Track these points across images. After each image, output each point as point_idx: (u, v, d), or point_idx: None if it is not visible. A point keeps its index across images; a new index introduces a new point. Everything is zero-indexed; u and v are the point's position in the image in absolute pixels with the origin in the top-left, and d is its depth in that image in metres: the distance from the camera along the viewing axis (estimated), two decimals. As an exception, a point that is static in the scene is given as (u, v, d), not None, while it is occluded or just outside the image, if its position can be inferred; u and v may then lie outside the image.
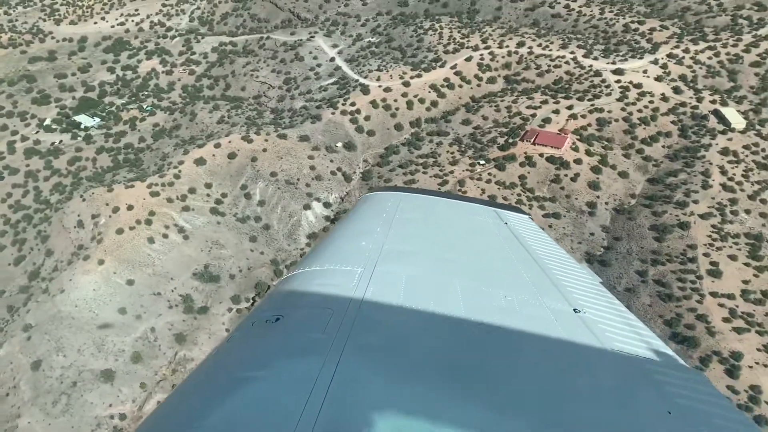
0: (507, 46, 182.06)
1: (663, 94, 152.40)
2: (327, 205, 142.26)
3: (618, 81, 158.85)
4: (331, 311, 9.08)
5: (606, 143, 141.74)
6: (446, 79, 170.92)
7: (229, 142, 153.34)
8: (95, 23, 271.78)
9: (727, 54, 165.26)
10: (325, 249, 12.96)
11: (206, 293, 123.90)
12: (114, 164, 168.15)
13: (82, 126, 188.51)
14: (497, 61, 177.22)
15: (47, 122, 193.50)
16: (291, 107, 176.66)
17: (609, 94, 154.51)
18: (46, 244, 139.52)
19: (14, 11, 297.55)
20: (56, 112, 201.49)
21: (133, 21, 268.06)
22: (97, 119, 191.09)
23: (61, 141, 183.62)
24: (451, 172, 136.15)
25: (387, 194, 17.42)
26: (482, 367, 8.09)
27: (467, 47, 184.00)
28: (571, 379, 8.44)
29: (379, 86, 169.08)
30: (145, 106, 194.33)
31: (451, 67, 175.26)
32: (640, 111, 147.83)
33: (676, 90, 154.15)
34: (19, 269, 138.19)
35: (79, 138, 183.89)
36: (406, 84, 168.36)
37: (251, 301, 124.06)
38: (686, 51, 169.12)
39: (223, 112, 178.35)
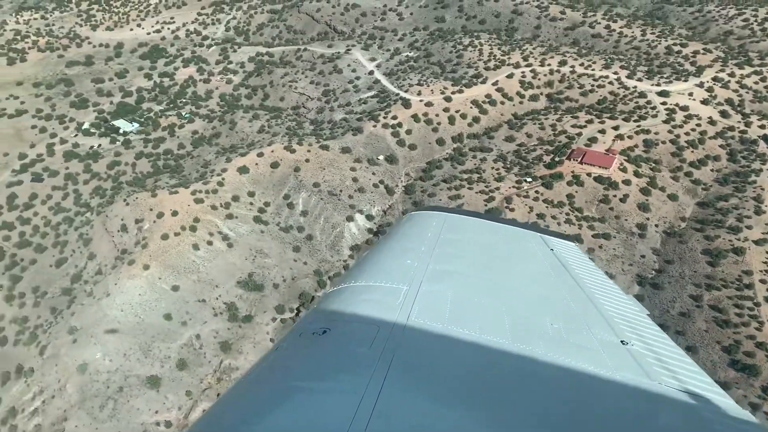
0: (549, 65, 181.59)
1: (710, 117, 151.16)
2: (370, 217, 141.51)
3: (664, 103, 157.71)
4: (377, 327, 9.18)
5: (654, 165, 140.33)
6: (488, 96, 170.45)
7: (272, 151, 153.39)
8: (131, 30, 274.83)
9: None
10: (371, 264, 13.07)
11: (250, 302, 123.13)
12: (154, 170, 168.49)
13: (121, 131, 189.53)
14: (539, 79, 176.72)
15: (86, 126, 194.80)
16: (331, 119, 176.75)
17: (655, 116, 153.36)
18: (88, 247, 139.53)
19: (51, 16, 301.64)
20: (94, 116, 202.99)
21: (168, 29, 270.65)
22: (136, 125, 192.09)
23: (99, 145, 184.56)
24: (497, 188, 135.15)
25: (431, 213, 17.33)
26: (528, 396, 8.05)
27: (508, 64, 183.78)
28: (618, 415, 8.30)
29: (420, 100, 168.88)
30: (183, 113, 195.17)
31: (493, 84, 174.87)
32: (687, 134, 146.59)
33: (724, 114, 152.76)
34: (60, 271, 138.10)
35: (118, 142, 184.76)
36: (448, 99, 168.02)
37: (295, 311, 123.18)
38: (732, 75, 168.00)
39: (263, 122, 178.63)
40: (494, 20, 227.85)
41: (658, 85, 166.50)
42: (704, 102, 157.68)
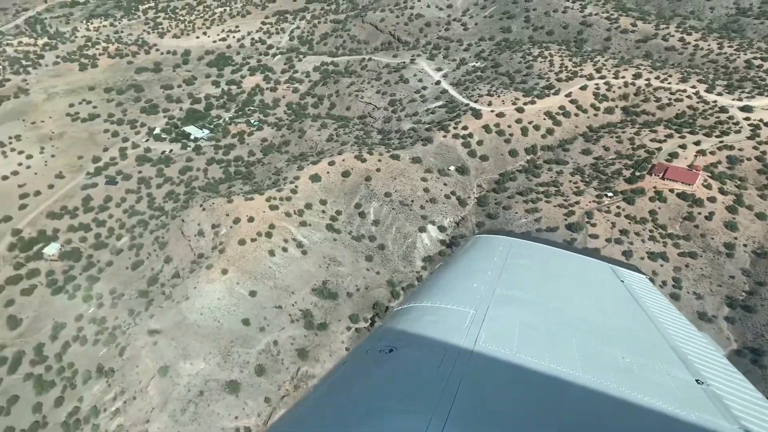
0: (623, 77, 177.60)
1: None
2: (442, 228, 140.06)
3: (747, 118, 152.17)
4: (444, 350, 9.15)
5: (739, 182, 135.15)
6: (561, 107, 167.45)
7: (343, 160, 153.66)
8: (197, 38, 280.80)
9: None
10: (437, 286, 13.09)
11: (325, 310, 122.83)
12: (225, 176, 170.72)
13: (192, 137, 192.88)
14: (614, 92, 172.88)
15: (157, 131, 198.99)
16: (399, 128, 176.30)
17: (738, 132, 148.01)
18: (164, 251, 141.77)
19: (119, 23, 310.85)
20: (165, 121, 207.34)
21: (234, 37, 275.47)
22: (206, 131, 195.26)
23: (171, 150, 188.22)
24: (576, 202, 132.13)
25: (498, 237, 17.32)
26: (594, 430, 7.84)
27: (581, 75, 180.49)
28: None
29: (491, 111, 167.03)
30: (252, 121, 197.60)
31: (566, 95, 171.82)
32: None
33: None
34: (137, 273, 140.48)
35: (189, 148, 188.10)
36: (520, 110, 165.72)
37: (369, 321, 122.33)
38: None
39: (331, 131, 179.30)
40: (562, 31, 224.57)
41: (740, 100, 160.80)
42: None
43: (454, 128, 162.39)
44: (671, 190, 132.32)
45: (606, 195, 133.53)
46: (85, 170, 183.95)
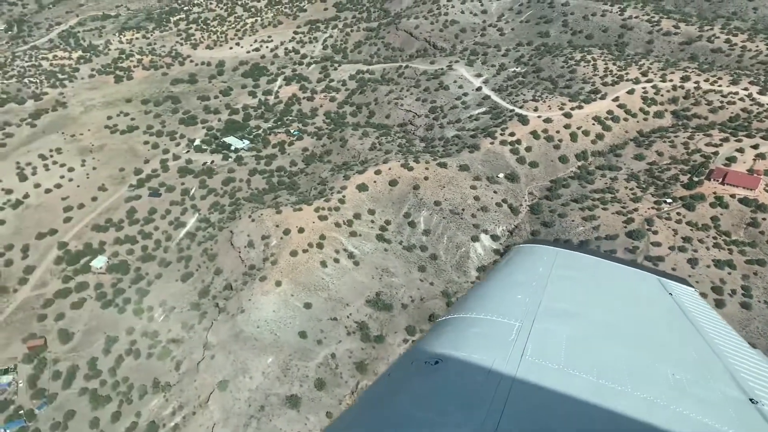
0: (671, 80, 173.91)
1: None
2: (495, 237, 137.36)
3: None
4: (490, 364, 9.05)
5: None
6: (609, 112, 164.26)
7: (389, 169, 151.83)
8: (230, 48, 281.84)
9: None
10: (482, 297, 13.11)
11: (380, 321, 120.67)
12: (269, 186, 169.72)
13: (233, 148, 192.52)
14: (662, 95, 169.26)
15: (197, 143, 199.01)
16: (442, 136, 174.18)
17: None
18: (214, 262, 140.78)
19: (152, 35, 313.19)
20: (204, 132, 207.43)
21: (267, 47, 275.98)
22: (246, 142, 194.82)
23: (212, 161, 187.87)
24: (635, 209, 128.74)
25: (542, 248, 17.06)
26: None
27: (627, 80, 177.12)
28: None
29: (538, 116, 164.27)
30: (292, 131, 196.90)
31: (613, 100, 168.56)
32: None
33: None
34: (187, 286, 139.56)
35: (230, 159, 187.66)
36: (568, 115, 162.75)
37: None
38: None
39: (373, 139, 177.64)
40: (602, 35, 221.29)
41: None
42: None
43: (501, 134, 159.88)
44: (732, 196, 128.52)
45: (665, 201, 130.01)
46: (128, 182, 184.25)
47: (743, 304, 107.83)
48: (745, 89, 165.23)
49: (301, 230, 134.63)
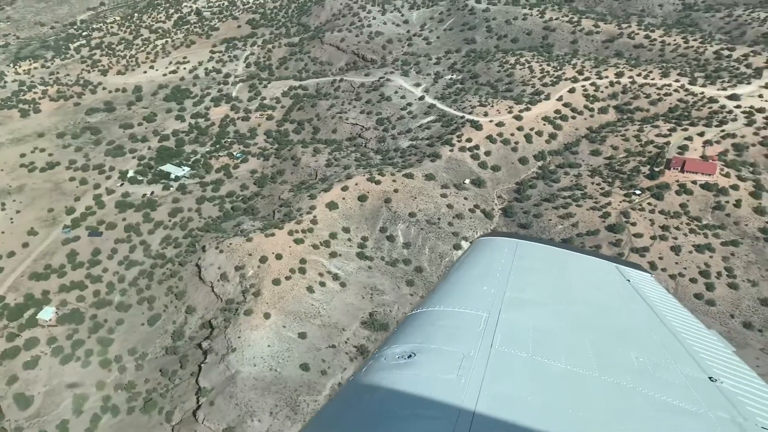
0: (606, 77, 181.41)
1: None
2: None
3: (737, 106, 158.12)
4: (461, 354, 9.34)
5: (752, 168, 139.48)
6: (557, 111, 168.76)
7: (356, 184, 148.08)
8: (144, 72, 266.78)
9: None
10: (448, 290, 13.39)
11: (379, 343, 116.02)
12: (223, 213, 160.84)
13: (172, 176, 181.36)
14: (602, 92, 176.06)
15: (131, 174, 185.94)
16: (397, 147, 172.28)
17: (735, 120, 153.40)
18: (183, 301, 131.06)
19: (52, 64, 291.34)
20: (136, 163, 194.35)
21: (185, 69, 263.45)
22: (186, 168, 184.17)
23: (152, 192, 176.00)
24: (608, 203, 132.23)
25: (503, 240, 17.28)
26: (615, 430, 7.97)
27: (565, 79, 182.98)
28: None
29: (490, 121, 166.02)
30: (234, 153, 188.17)
31: (557, 99, 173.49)
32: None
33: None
34: (156, 329, 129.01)
35: (171, 188, 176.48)
36: (518, 117, 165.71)
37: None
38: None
39: (327, 155, 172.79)
40: (527, 38, 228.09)
41: (724, 89, 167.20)
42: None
43: (458, 141, 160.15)
44: (694, 182, 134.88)
45: (634, 193, 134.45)
46: (61, 223, 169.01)
47: (731, 285, 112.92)
48: (677, 81, 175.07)
49: (278, 256, 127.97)
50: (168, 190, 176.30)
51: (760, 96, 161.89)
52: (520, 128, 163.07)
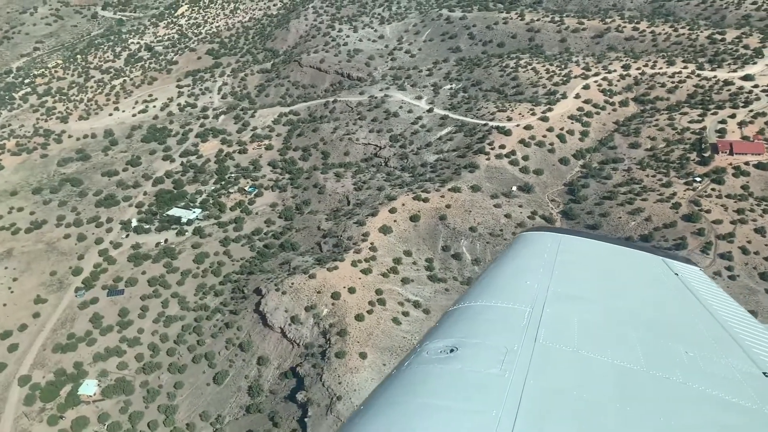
0: (614, 70, 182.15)
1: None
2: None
3: (756, 86, 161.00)
4: (505, 349, 9.25)
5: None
6: (579, 109, 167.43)
7: (403, 204, 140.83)
8: (110, 115, 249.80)
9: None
10: (490, 284, 13.09)
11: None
12: (259, 253, 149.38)
13: (183, 220, 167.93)
14: (616, 86, 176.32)
15: (134, 223, 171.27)
16: (424, 162, 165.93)
17: (758, 99, 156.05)
18: (251, 352, 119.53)
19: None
20: (135, 211, 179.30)
21: (154, 107, 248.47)
22: (198, 210, 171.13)
23: (166, 240, 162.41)
24: (673, 194, 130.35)
25: (545, 234, 17.04)
26: (670, 426, 7.81)
27: (575, 77, 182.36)
28: None
29: (517, 125, 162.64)
30: (246, 188, 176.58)
31: (575, 97, 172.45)
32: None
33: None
34: (226, 388, 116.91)
35: (187, 233, 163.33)
36: (544, 119, 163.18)
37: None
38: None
39: (351, 179, 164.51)
40: (512, 41, 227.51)
41: (735, 71, 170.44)
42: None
43: (491, 149, 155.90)
44: (746, 164, 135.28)
45: (694, 180, 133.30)
46: (70, 286, 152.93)
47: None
48: (685, 68, 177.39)
49: (351, 290, 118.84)
50: (183, 236, 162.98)
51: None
52: (549, 129, 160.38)
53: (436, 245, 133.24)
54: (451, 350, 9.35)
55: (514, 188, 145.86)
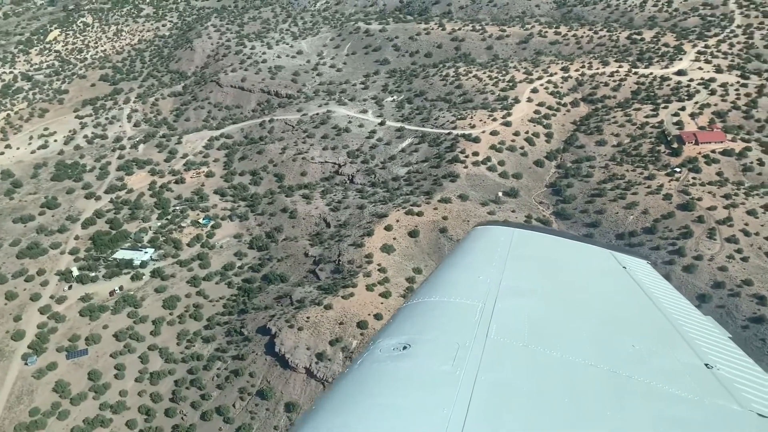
0: (555, 73, 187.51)
1: (738, 81, 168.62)
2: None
3: (691, 80, 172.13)
4: (457, 345, 9.38)
5: (739, 130, 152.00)
6: (536, 112, 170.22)
7: (397, 221, 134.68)
8: (1, 153, 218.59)
9: (739, 43, 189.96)
10: (443, 280, 13.41)
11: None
12: (241, 290, 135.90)
13: (136, 262, 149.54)
14: (562, 87, 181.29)
15: (76, 273, 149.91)
16: (396, 176, 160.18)
17: (698, 92, 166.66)
18: (274, 400, 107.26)
19: None
20: (69, 258, 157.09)
21: (56, 141, 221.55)
22: (150, 250, 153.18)
23: (121, 287, 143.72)
24: (660, 186, 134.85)
25: (498, 229, 17.46)
26: (617, 418, 8.06)
27: (519, 82, 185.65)
28: None
29: (483, 132, 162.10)
30: (201, 221, 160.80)
31: (528, 101, 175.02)
32: (738, 98, 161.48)
33: (743, 76, 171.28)
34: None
35: (144, 277, 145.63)
36: (507, 124, 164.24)
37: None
38: (707, 47, 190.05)
39: (321, 201, 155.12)
40: (439, 51, 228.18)
41: (667, 68, 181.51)
42: (718, 71, 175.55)
43: (465, 157, 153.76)
44: (713, 151, 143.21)
45: (674, 171, 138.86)
46: (13, 353, 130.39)
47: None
48: (620, 67, 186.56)
49: (378, 317, 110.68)
50: (140, 280, 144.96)
51: (700, 68, 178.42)
52: (516, 133, 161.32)
53: (442, 259, 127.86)
54: (404, 347, 9.22)
55: (500, 194, 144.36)
